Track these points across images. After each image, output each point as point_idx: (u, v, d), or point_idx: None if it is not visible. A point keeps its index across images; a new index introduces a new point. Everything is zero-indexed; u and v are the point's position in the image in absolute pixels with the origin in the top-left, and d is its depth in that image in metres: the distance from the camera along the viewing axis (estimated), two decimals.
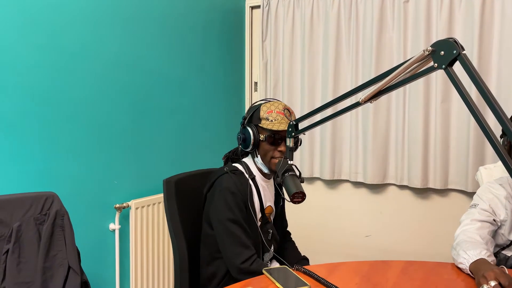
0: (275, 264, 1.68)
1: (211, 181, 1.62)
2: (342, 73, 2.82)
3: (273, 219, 1.75)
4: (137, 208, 2.21)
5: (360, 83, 2.64)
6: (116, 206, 2.14)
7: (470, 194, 2.48)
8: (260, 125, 1.58)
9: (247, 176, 1.60)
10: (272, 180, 1.70)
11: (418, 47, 2.54)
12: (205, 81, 2.80)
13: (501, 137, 1.60)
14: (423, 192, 2.66)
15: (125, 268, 2.23)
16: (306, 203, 2.90)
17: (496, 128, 2.06)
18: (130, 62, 2.23)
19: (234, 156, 1.72)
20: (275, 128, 1.55)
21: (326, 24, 2.82)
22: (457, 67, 0.98)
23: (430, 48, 1.01)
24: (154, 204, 2.32)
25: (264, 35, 3.07)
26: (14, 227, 1.32)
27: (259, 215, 1.61)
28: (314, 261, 2.66)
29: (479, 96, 1.24)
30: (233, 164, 1.65)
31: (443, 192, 2.61)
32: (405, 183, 2.66)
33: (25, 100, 1.75)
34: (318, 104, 2.84)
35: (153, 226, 2.32)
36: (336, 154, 2.86)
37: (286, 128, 1.53)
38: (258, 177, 1.64)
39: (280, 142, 1.58)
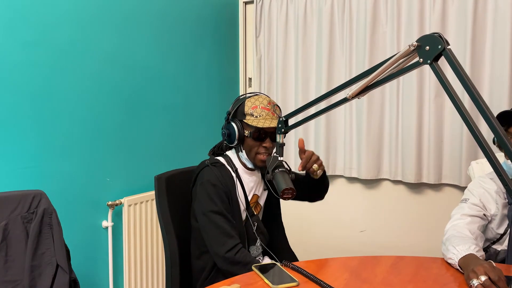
0: (267, 260, 1.68)
1: (194, 175, 1.62)
2: (336, 68, 2.81)
3: (264, 205, 1.75)
4: (129, 205, 2.21)
5: None
6: (109, 203, 2.14)
7: (464, 189, 2.47)
8: (244, 120, 1.57)
9: (228, 168, 1.60)
10: (256, 171, 1.69)
11: (411, 42, 2.52)
12: (198, 77, 2.79)
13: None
14: (417, 187, 2.67)
15: (119, 265, 2.23)
16: None
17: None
18: (122, 59, 2.22)
19: (219, 150, 1.71)
20: (260, 125, 1.54)
21: (320, 19, 2.81)
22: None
23: (415, 43, 1.00)
24: (147, 201, 2.32)
25: (258, 31, 3.06)
26: (1, 226, 1.31)
27: (242, 207, 1.61)
28: (308, 256, 2.68)
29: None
30: (215, 157, 1.65)
31: (436, 187, 2.61)
32: (399, 178, 2.66)
33: (14, 97, 1.74)
34: (312, 99, 2.83)
35: (146, 223, 2.32)
36: (330, 149, 2.86)
37: (271, 125, 1.53)
38: (241, 169, 1.64)
39: (264, 138, 1.57)
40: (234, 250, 1.47)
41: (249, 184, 1.65)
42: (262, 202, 1.74)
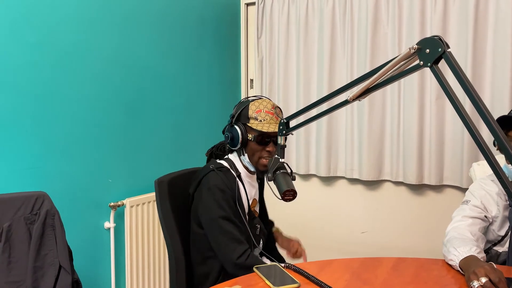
0: (266, 260, 1.68)
1: (198, 179, 1.61)
2: (337, 69, 2.82)
3: (259, 212, 1.76)
4: (131, 206, 2.22)
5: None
6: (111, 204, 2.15)
7: (465, 190, 2.45)
8: (248, 124, 1.57)
9: (233, 172, 1.60)
10: (255, 175, 1.70)
11: (412, 43, 2.51)
12: (200, 78, 2.79)
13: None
14: (418, 188, 2.67)
15: (121, 266, 2.24)
16: (302, 200, 2.91)
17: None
18: (124, 60, 2.23)
19: (218, 151, 1.71)
20: (264, 129, 1.54)
21: (321, 20, 2.82)
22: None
23: (416, 46, 1.01)
24: (149, 202, 2.33)
25: (260, 32, 3.07)
26: (4, 227, 1.32)
27: (246, 210, 1.61)
28: (310, 258, 2.67)
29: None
30: (218, 161, 1.64)
31: (438, 188, 2.61)
32: (400, 180, 2.66)
33: (17, 98, 1.75)
34: (314, 101, 2.84)
35: (148, 224, 2.33)
36: (332, 151, 2.86)
37: (275, 129, 1.54)
38: (243, 173, 1.64)
39: (268, 142, 1.58)
40: (245, 256, 1.48)
41: (250, 188, 1.66)
42: (257, 209, 1.75)
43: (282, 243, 1.83)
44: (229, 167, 1.61)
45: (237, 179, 1.59)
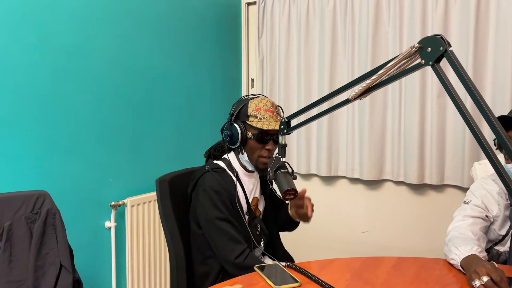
0: (267, 260, 1.68)
1: (194, 180, 1.61)
2: (338, 68, 2.81)
3: (263, 210, 1.75)
4: (132, 206, 2.22)
5: None
6: (112, 204, 2.15)
7: (466, 190, 2.46)
8: (248, 122, 1.56)
9: (229, 172, 1.59)
10: (255, 172, 1.68)
11: (413, 43, 2.52)
12: (201, 78, 2.80)
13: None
14: (419, 188, 2.66)
15: (121, 265, 2.24)
16: None
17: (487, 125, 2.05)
18: (126, 60, 2.23)
19: (217, 152, 1.71)
20: (264, 127, 1.54)
21: (322, 20, 2.82)
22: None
23: (417, 44, 1.01)
24: (150, 201, 2.33)
25: (260, 32, 3.07)
26: (5, 226, 1.32)
27: (245, 210, 1.60)
28: (310, 257, 2.68)
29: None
30: (214, 162, 1.64)
31: (439, 188, 2.61)
32: (401, 179, 2.66)
33: (19, 98, 1.75)
34: (315, 100, 2.84)
35: (149, 223, 2.33)
36: (332, 150, 2.86)
37: (275, 127, 1.53)
38: (241, 172, 1.63)
39: (267, 140, 1.57)
40: (243, 256, 1.47)
41: (249, 187, 1.65)
42: (261, 207, 1.74)
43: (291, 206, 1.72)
44: (225, 167, 1.61)
45: (235, 178, 1.59)
